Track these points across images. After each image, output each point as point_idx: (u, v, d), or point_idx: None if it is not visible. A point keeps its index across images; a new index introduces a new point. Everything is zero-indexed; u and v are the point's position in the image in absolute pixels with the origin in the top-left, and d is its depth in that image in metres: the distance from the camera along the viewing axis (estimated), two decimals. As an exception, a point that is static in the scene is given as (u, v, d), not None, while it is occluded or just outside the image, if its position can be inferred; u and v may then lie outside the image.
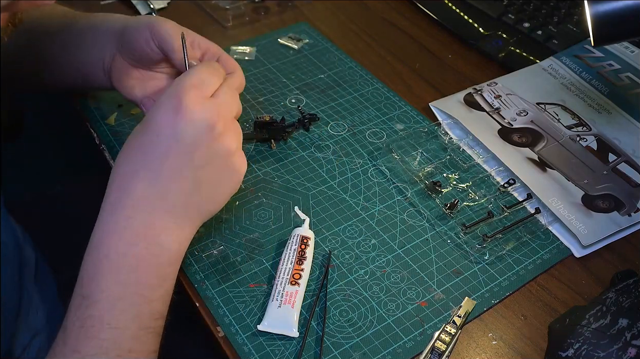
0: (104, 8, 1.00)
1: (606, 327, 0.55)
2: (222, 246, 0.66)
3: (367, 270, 0.65)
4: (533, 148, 0.76)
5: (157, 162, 0.51)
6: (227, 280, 0.63)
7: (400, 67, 0.91)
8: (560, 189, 0.71)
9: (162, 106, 0.51)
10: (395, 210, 0.71)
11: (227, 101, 0.53)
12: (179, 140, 0.51)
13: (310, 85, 0.87)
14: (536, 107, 0.81)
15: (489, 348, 0.59)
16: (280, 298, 0.59)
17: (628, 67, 0.86)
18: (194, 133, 0.51)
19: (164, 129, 0.51)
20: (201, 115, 0.51)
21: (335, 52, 0.93)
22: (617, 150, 0.76)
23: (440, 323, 0.60)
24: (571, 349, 0.56)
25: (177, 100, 0.50)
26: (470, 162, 0.76)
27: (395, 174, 0.75)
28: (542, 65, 0.88)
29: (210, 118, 0.51)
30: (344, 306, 0.61)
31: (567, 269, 0.66)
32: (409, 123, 0.82)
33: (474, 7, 0.99)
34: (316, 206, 0.71)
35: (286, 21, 0.99)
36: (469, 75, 0.90)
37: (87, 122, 0.81)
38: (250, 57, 0.91)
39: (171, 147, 0.51)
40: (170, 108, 0.51)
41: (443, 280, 0.64)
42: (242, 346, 0.58)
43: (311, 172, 0.75)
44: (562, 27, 0.94)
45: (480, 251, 0.66)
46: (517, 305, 0.63)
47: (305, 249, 0.63)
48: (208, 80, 0.53)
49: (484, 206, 0.71)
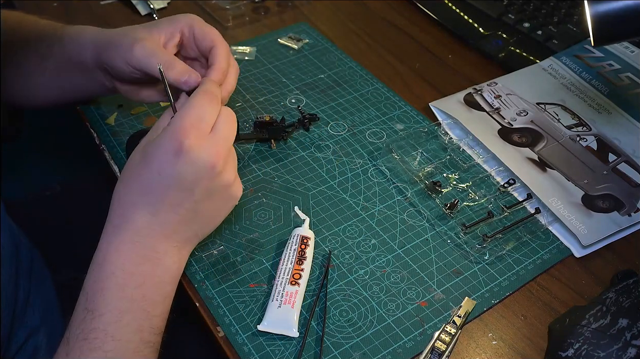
0: (104, 8, 1.00)
1: (606, 327, 0.55)
2: (222, 246, 0.66)
3: (367, 270, 0.65)
4: (533, 148, 0.76)
5: (157, 197, 0.53)
6: (227, 280, 0.63)
7: (400, 67, 0.91)
8: (560, 189, 0.71)
9: (162, 147, 0.52)
10: (395, 210, 0.71)
11: (225, 134, 0.54)
12: (179, 180, 0.52)
13: (310, 85, 0.87)
14: (536, 107, 0.81)
15: (489, 348, 0.59)
16: (280, 298, 0.59)
17: (628, 67, 0.86)
18: (195, 173, 0.52)
19: (165, 169, 0.52)
20: (202, 157, 0.52)
21: (335, 52, 0.93)
22: (617, 150, 0.76)
23: (440, 323, 0.60)
24: (571, 349, 0.56)
25: (177, 143, 0.51)
26: (470, 162, 0.76)
27: (395, 174, 0.75)
28: (542, 65, 0.88)
29: (211, 158, 0.52)
30: (344, 306, 0.61)
31: (567, 269, 0.66)
32: (409, 123, 0.82)
33: (474, 7, 0.99)
34: (316, 206, 0.71)
35: (286, 21, 0.99)
36: (469, 75, 0.90)
37: (87, 122, 0.81)
38: (250, 57, 0.91)
39: (171, 186, 0.52)
40: (170, 150, 0.51)
41: (443, 280, 0.64)
42: (242, 346, 0.58)
43: (311, 172, 0.75)
44: (562, 27, 0.94)
45: (480, 251, 0.66)
46: (517, 305, 0.63)
47: (305, 249, 0.63)
48: (207, 115, 0.53)
49: (484, 206, 0.71)
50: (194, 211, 0.54)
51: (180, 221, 0.54)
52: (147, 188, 0.52)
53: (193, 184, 0.52)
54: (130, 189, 0.54)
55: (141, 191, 0.53)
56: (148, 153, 0.53)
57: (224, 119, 0.55)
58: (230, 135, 0.55)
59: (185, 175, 0.52)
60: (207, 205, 0.55)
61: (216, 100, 0.55)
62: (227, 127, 0.55)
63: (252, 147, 0.78)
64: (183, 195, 0.53)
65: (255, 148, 0.78)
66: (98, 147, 0.78)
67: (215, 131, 0.54)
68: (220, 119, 0.54)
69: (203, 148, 0.52)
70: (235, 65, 0.66)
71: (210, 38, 0.64)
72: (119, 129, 0.80)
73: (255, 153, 0.77)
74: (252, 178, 0.74)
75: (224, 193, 0.55)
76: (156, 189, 0.52)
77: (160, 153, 0.52)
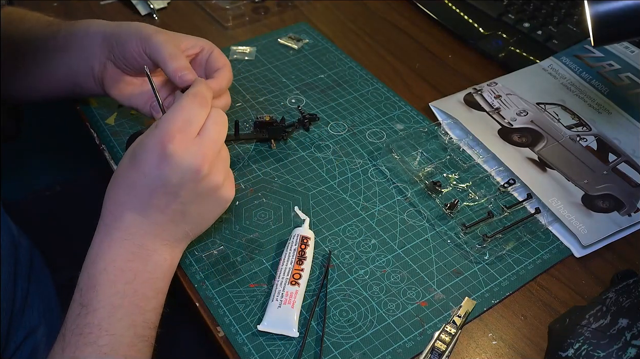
0: (104, 8, 1.00)
1: (606, 327, 0.55)
2: (222, 246, 0.66)
3: (367, 270, 0.65)
4: (533, 148, 0.76)
5: (145, 197, 0.53)
6: (227, 280, 0.63)
7: (400, 67, 0.91)
8: (560, 189, 0.71)
9: (148, 149, 0.52)
10: (395, 210, 0.71)
11: (213, 137, 0.54)
12: (164, 183, 0.52)
13: (310, 85, 0.87)
14: (536, 107, 0.81)
15: (489, 348, 0.59)
16: (280, 298, 0.59)
17: (628, 67, 0.86)
18: (179, 176, 0.52)
19: (151, 171, 0.52)
20: (186, 161, 0.52)
21: (335, 52, 0.93)
22: (617, 150, 0.76)
23: (440, 323, 0.60)
24: (571, 349, 0.56)
25: (161, 146, 0.51)
26: (470, 162, 0.76)
27: (395, 174, 0.75)
28: (542, 65, 0.88)
29: (195, 162, 0.52)
30: (344, 306, 0.61)
31: (567, 269, 0.66)
32: (409, 123, 0.82)
33: (474, 7, 0.99)
34: (316, 206, 0.71)
35: (286, 21, 0.99)
36: (469, 75, 0.90)
37: (87, 122, 0.81)
38: (250, 57, 0.91)
39: (157, 187, 0.53)
40: (155, 153, 0.52)
41: (443, 280, 0.64)
42: (242, 346, 0.58)
43: (311, 172, 0.75)
44: (562, 27, 0.94)
45: (480, 251, 0.66)
46: (517, 305, 0.63)
47: (305, 249, 0.63)
48: (194, 117, 0.54)
49: (484, 206, 0.71)
50: (182, 213, 0.55)
51: (169, 221, 0.55)
52: (135, 189, 0.53)
53: (178, 187, 0.53)
54: (119, 189, 0.54)
55: (129, 191, 0.54)
56: (136, 154, 0.53)
57: (213, 121, 0.55)
58: (219, 137, 0.55)
59: (169, 178, 0.52)
60: (196, 206, 0.55)
61: (205, 102, 0.55)
62: (216, 129, 0.55)
63: (252, 147, 0.78)
64: (169, 197, 0.53)
65: (255, 148, 0.78)
66: (98, 147, 0.78)
67: (203, 134, 0.54)
68: (209, 121, 0.54)
69: (188, 152, 0.52)
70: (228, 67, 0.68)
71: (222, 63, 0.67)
72: (119, 129, 0.80)
73: (255, 153, 0.77)
74: (252, 178, 0.74)
75: (212, 195, 0.56)
76: (143, 190, 0.53)
77: (146, 156, 0.52)
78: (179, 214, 0.55)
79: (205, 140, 0.53)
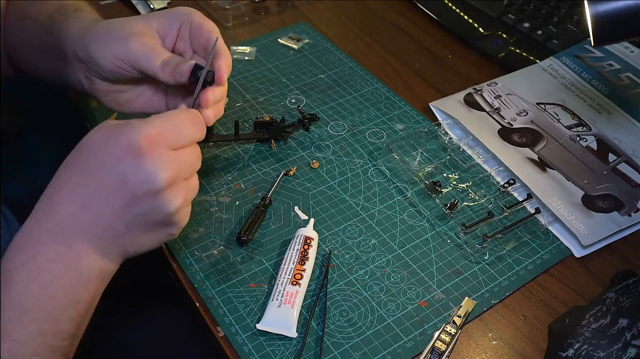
0: (104, 8, 1.00)
1: (606, 327, 0.56)
2: (222, 246, 0.66)
3: (367, 270, 0.65)
4: (533, 148, 0.76)
5: (92, 190, 0.48)
6: (227, 280, 0.63)
7: (400, 67, 0.91)
8: (560, 189, 0.71)
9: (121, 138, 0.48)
10: (395, 210, 0.71)
11: (188, 161, 0.51)
12: (120, 181, 0.48)
13: (310, 85, 0.87)
14: (536, 107, 0.81)
15: (489, 348, 0.59)
16: (281, 297, 0.59)
17: (628, 67, 0.86)
18: (139, 181, 0.48)
19: (112, 163, 0.48)
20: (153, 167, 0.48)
21: (335, 52, 0.93)
22: (617, 150, 0.76)
23: (440, 323, 0.60)
24: (571, 349, 0.56)
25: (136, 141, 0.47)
26: (470, 162, 0.76)
27: (395, 174, 0.75)
28: (542, 65, 0.88)
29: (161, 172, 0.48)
30: (344, 306, 0.61)
31: (567, 269, 0.66)
32: (409, 123, 0.82)
33: (474, 7, 0.99)
34: (316, 206, 0.71)
35: (286, 21, 0.99)
36: (469, 75, 0.90)
37: (87, 122, 0.81)
38: (250, 57, 0.91)
39: (111, 183, 0.48)
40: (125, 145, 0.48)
41: (443, 280, 0.64)
42: (242, 346, 0.58)
43: (311, 172, 0.75)
44: (562, 27, 0.94)
45: (480, 251, 0.66)
46: (517, 305, 0.63)
47: (308, 249, 0.63)
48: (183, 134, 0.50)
49: (484, 206, 0.71)
50: (126, 224, 0.49)
51: (109, 228, 0.49)
52: (87, 177, 0.48)
53: (132, 191, 0.48)
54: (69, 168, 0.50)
55: (79, 178, 0.49)
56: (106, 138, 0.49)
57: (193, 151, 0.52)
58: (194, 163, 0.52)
59: (128, 177, 0.48)
60: (141, 221, 0.50)
61: (200, 130, 0.52)
62: (194, 155, 0.52)
63: (252, 147, 0.78)
64: (118, 199, 0.48)
65: (255, 148, 0.78)
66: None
67: (182, 152, 0.50)
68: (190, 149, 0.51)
69: (159, 158, 0.48)
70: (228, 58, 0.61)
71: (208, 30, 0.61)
72: (119, 129, 0.79)
73: (255, 153, 0.77)
74: (252, 178, 0.74)
75: (162, 216, 0.50)
76: (94, 181, 0.48)
77: (114, 144, 0.48)
78: (123, 225, 0.49)
79: (181, 157, 0.50)
